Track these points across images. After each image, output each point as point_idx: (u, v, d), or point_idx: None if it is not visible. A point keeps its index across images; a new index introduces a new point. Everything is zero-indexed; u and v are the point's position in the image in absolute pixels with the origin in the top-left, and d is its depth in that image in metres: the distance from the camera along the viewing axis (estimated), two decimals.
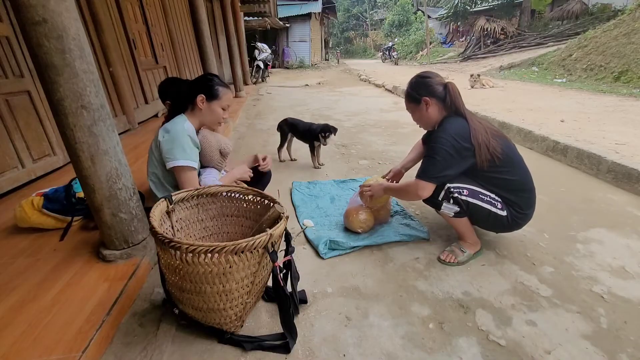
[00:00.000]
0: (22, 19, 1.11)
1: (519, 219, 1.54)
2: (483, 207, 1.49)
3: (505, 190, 1.51)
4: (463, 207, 1.49)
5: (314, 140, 2.83)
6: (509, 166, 1.49)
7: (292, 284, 1.22)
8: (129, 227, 1.47)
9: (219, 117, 1.62)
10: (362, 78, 10.74)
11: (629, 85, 6.00)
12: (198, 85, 1.58)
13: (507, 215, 1.50)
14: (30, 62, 2.42)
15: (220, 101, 1.59)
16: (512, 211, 1.51)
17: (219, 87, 1.58)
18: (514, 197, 1.51)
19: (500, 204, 1.50)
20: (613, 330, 1.20)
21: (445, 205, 1.52)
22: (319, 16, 20.10)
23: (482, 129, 1.47)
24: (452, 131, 1.44)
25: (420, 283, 1.47)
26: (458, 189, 1.48)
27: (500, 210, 1.50)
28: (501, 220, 1.51)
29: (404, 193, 1.63)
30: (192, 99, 1.57)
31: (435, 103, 1.54)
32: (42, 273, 1.42)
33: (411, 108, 1.65)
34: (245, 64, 8.44)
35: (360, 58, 30.19)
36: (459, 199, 1.48)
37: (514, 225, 1.56)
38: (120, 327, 1.23)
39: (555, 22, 14.12)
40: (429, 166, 1.46)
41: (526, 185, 1.53)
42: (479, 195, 1.49)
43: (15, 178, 2.31)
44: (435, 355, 1.12)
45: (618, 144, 2.82)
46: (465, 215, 1.55)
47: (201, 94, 1.55)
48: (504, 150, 1.47)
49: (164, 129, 1.54)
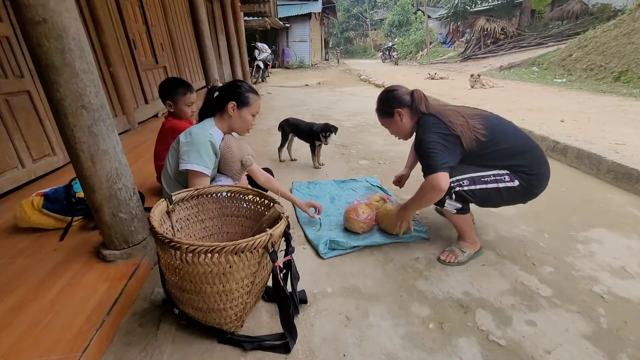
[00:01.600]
0: (22, 19, 1.11)
1: (535, 181, 1.49)
2: (489, 188, 1.48)
3: (505, 159, 1.49)
4: (470, 199, 1.49)
5: (315, 140, 2.83)
6: (497, 137, 1.48)
7: (292, 284, 1.22)
8: (129, 227, 1.47)
9: (248, 124, 1.63)
10: (362, 78, 10.75)
11: (629, 85, 6.00)
12: (229, 91, 1.58)
13: (519, 183, 1.47)
14: (30, 62, 2.42)
15: (250, 108, 1.60)
16: (522, 177, 1.47)
17: (249, 94, 1.59)
18: (517, 162, 1.48)
19: (508, 176, 1.48)
20: (613, 330, 1.20)
21: (448, 202, 1.52)
22: (319, 16, 20.11)
23: (456, 115, 1.49)
24: (431, 127, 1.48)
25: (420, 283, 1.47)
26: (457, 182, 1.48)
27: (510, 182, 1.47)
28: (516, 190, 1.48)
29: (423, 197, 1.53)
30: (222, 106, 1.57)
31: (407, 112, 1.60)
32: (42, 273, 1.42)
33: (386, 122, 1.71)
34: (245, 64, 8.43)
35: (360, 58, 30.19)
36: (462, 192, 1.48)
37: (533, 189, 1.51)
38: (120, 327, 1.23)
39: (555, 22, 14.13)
40: (429, 161, 1.44)
41: (523, 146, 1.51)
42: (481, 179, 1.48)
43: (15, 178, 2.30)
44: (435, 355, 1.12)
45: (618, 144, 2.82)
46: (468, 212, 1.55)
47: (232, 100, 1.55)
48: (485, 125, 1.48)
49: (188, 131, 1.54)
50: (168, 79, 2.13)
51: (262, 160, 3.12)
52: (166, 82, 2.09)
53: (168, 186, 1.64)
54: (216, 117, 1.61)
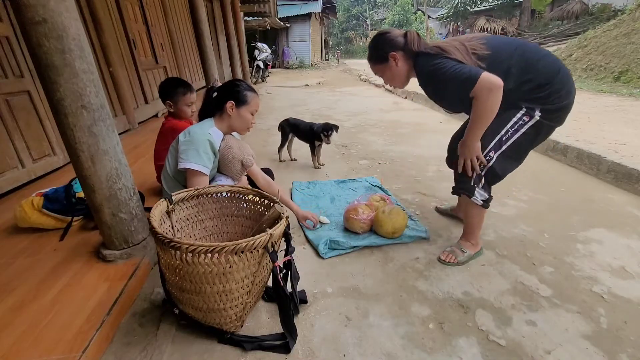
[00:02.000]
0: (22, 19, 1.11)
1: (555, 100, 1.33)
2: (516, 138, 1.38)
3: (517, 83, 1.33)
4: (499, 173, 1.43)
5: (315, 140, 2.84)
6: (501, 53, 1.35)
7: (292, 284, 1.22)
8: (129, 227, 1.47)
9: (248, 122, 1.63)
10: (362, 78, 10.74)
11: (629, 85, 6.00)
12: (227, 91, 1.58)
13: (540, 116, 1.34)
14: (30, 62, 2.42)
15: (249, 106, 1.59)
16: (538, 103, 1.33)
17: (247, 92, 1.58)
18: (528, 84, 1.32)
19: (526, 114, 1.35)
20: (613, 330, 1.20)
21: (477, 191, 1.47)
22: (319, 16, 20.11)
23: (453, 42, 1.40)
24: (432, 58, 1.38)
25: (420, 283, 1.47)
26: (487, 157, 1.41)
27: (530, 120, 1.35)
28: (541, 125, 1.36)
29: (484, 108, 1.29)
30: (221, 105, 1.57)
31: (402, 55, 1.49)
32: (42, 273, 1.42)
33: (380, 69, 1.58)
34: (245, 64, 8.43)
35: (361, 58, 30.07)
36: (495, 166, 1.41)
37: (558, 112, 1.36)
38: (120, 327, 1.23)
39: (555, 22, 14.13)
40: (462, 75, 1.28)
41: (533, 55, 1.35)
42: (502, 138, 1.39)
43: (15, 178, 2.30)
44: (435, 355, 1.12)
45: (618, 144, 2.82)
46: (489, 206, 1.50)
47: (230, 100, 1.55)
48: (487, 44, 1.36)
49: (187, 130, 1.54)
50: (168, 79, 2.13)
51: (262, 160, 3.12)
52: (166, 82, 2.09)
53: (168, 186, 1.64)
54: (216, 117, 1.61)
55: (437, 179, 2.60)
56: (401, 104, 6.17)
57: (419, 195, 2.32)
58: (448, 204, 2.11)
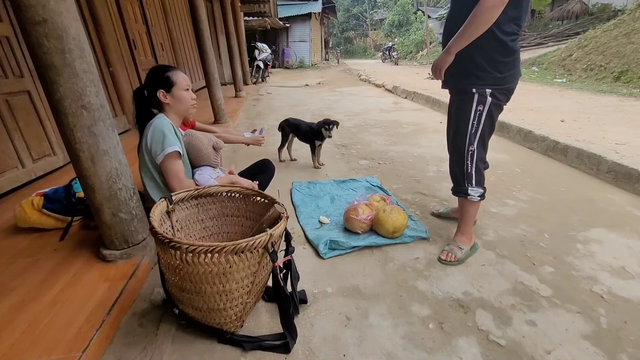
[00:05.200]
0: (22, 19, 1.11)
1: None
2: (483, 124, 1.47)
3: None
4: (484, 139, 1.51)
5: (315, 140, 2.84)
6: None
7: (292, 284, 1.22)
8: (129, 227, 1.47)
9: (187, 100, 1.58)
10: (362, 78, 10.74)
11: (629, 85, 6.00)
12: (151, 84, 1.54)
13: (490, 92, 1.41)
14: (30, 62, 2.42)
15: (178, 85, 1.54)
16: (487, 72, 1.38)
17: (167, 73, 1.53)
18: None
19: (479, 93, 1.42)
20: (613, 330, 1.20)
21: (471, 189, 1.57)
22: (319, 16, 20.10)
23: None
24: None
25: (420, 283, 1.47)
26: (470, 151, 1.51)
27: (484, 107, 1.44)
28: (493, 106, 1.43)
29: (477, 18, 1.26)
30: (155, 100, 1.54)
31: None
32: (42, 273, 1.42)
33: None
34: (245, 64, 8.44)
35: (360, 58, 30.18)
36: (479, 153, 1.51)
37: (508, 64, 1.38)
38: (120, 327, 1.23)
39: (555, 22, 14.11)
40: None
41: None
42: (472, 131, 1.49)
43: (15, 178, 2.31)
44: (435, 355, 1.12)
45: (618, 144, 2.82)
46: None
47: (159, 89, 1.52)
48: None
49: (147, 128, 1.52)
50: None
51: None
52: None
53: (154, 193, 1.60)
54: (160, 114, 1.57)
55: (437, 179, 2.60)
56: (401, 104, 6.17)
57: (419, 195, 2.32)
58: (447, 206, 2.11)
